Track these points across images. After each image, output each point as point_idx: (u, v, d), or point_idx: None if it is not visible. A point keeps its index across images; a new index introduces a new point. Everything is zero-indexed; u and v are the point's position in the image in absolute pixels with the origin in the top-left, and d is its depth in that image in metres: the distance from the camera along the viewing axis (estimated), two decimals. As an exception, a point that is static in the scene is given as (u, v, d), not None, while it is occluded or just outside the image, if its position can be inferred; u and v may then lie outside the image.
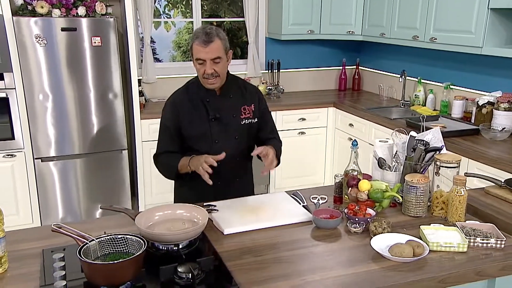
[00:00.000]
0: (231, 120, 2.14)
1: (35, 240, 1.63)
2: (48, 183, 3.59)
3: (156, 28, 5.42)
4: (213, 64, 2.00)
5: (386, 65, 4.59)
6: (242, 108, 2.17)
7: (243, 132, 2.16)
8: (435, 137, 1.98)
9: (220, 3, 5.30)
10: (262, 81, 4.55)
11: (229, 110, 2.14)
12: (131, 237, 1.41)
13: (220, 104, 2.13)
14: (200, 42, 1.97)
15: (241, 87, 2.23)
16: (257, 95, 2.26)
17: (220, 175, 2.04)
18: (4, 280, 1.42)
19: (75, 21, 3.41)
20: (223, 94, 2.15)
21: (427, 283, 1.47)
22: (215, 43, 1.97)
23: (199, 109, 2.12)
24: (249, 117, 2.18)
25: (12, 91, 3.41)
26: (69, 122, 3.54)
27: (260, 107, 2.24)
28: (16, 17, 3.31)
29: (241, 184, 2.23)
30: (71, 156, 3.61)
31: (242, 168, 2.21)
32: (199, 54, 1.98)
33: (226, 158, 2.04)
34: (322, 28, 4.41)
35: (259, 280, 1.43)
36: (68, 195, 3.66)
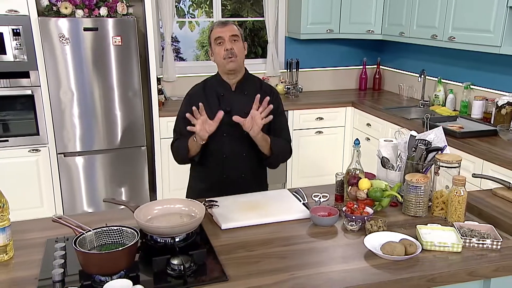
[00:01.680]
0: (242, 116, 2.17)
1: (42, 230, 1.72)
2: (70, 177, 3.73)
3: (181, 27, 5.53)
4: (231, 42, 2.10)
5: (406, 65, 4.54)
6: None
7: None
8: (438, 136, 1.97)
9: (243, 2, 5.36)
10: (281, 80, 4.58)
11: (241, 106, 2.18)
12: (126, 229, 1.47)
13: (234, 99, 2.19)
14: (218, 24, 2.14)
15: (257, 85, 2.27)
16: (273, 95, 2.29)
17: (226, 169, 2.09)
18: (9, 266, 1.51)
19: (97, 21, 3.53)
20: (238, 90, 2.21)
21: (416, 282, 1.48)
22: (232, 25, 2.15)
23: (213, 102, 2.19)
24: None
25: (37, 89, 3.56)
26: (90, 119, 3.67)
27: (274, 107, 2.26)
28: (42, 17, 3.45)
29: (249, 180, 2.24)
30: (92, 152, 3.74)
31: (250, 164, 2.24)
32: (218, 33, 2.11)
33: (234, 153, 2.09)
34: (342, 27, 4.40)
35: (248, 274, 1.47)
36: (90, 188, 3.80)
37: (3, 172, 3.59)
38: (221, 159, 2.10)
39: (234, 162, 2.14)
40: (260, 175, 2.34)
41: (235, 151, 2.11)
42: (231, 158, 2.12)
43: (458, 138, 3.10)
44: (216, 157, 2.17)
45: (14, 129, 3.61)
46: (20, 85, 3.53)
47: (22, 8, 3.43)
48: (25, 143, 3.63)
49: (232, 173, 2.16)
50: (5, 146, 3.60)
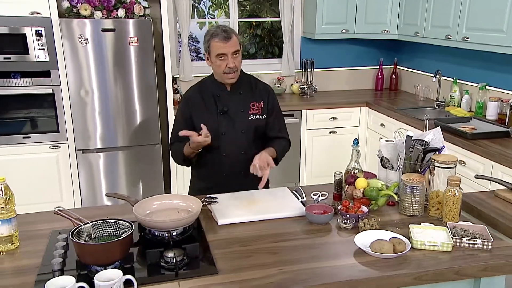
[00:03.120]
0: (239, 115, 2.24)
1: (48, 222, 1.81)
2: (88, 173, 3.86)
3: (201, 28, 5.62)
4: (233, 58, 2.13)
5: (423, 65, 4.51)
6: (251, 104, 2.27)
7: (250, 127, 2.26)
8: (436, 137, 1.98)
9: (262, 3, 5.40)
10: (296, 80, 4.61)
11: (237, 105, 2.25)
12: (122, 222, 1.55)
13: (230, 99, 2.25)
14: (220, 38, 2.09)
15: (252, 84, 2.33)
16: (268, 93, 2.35)
17: (226, 167, 2.15)
18: (15, 255, 1.61)
19: (115, 22, 3.64)
20: (234, 90, 2.26)
21: (402, 279, 1.50)
22: (233, 38, 2.12)
23: (209, 103, 2.24)
24: (257, 113, 2.27)
25: (58, 87, 3.70)
26: (108, 117, 3.78)
27: (269, 105, 2.32)
28: (62, 19, 3.58)
29: (249, 179, 2.29)
30: (109, 149, 3.86)
31: (249, 162, 2.29)
32: (221, 49, 2.10)
33: (232, 151, 2.15)
34: (357, 27, 4.40)
35: (238, 268, 1.52)
36: (107, 184, 3.92)
37: (26, 167, 3.74)
38: (220, 158, 2.17)
39: (233, 160, 2.20)
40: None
41: (234, 149, 2.17)
42: (230, 156, 2.18)
43: (469, 139, 3.08)
44: (215, 156, 2.23)
45: (36, 126, 3.76)
46: (42, 84, 3.68)
47: (44, 10, 3.57)
48: (46, 139, 3.77)
49: (231, 172, 2.22)
50: (28, 142, 3.76)
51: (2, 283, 1.45)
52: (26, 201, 3.58)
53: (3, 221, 1.59)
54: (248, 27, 5.50)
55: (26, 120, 3.74)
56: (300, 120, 4.14)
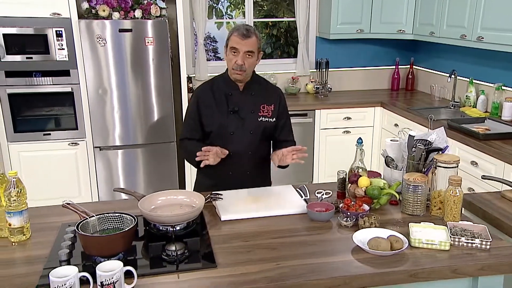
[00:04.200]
0: (248, 115, 2.28)
1: (59, 215, 1.89)
2: (105, 169, 3.96)
3: (219, 28, 5.69)
4: (245, 57, 2.17)
5: (439, 65, 4.47)
6: (261, 106, 2.31)
7: (259, 129, 2.29)
8: (439, 137, 1.98)
9: (279, 3, 5.44)
10: (310, 80, 4.63)
11: (248, 106, 2.29)
12: (126, 216, 1.61)
13: (241, 99, 2.29)
14: (239, 34, 2.15)
15: (263, 86, 2.37)
16: (279, 96, 2.39)
17: (232, 166, 2.20)
18: (26, 246, 1.69)
19: (132, 22, 3.73)
20: (246, 91, 2.30)
21: (398, 276, 1.53)
22: (252, 38, 2.16)
23: (220, 101, 2.28)
24: (267, 116, 2.31)
25: (77, 86, 3.81)
26: (124, 115, 3.87)
27: (280, 109, 2.36)
28: (82, 20, 3.69)
29: (254, 178, 2.33)
30: (125, 146, 3.95)
31: (255, 163, 2.33)
32: (236, 44, 2.16)
33: (239, 150, 2.19)
34: (373, 27, 4.39)
35: (237, 262, 1.57)
36: (123, 180, 4.02)
37: (46, 163, 3.87)
38: (227, 157, 2.21)
39: (240, 159, 2.24)
40: (264, 172, 2.43)
41: (241, 149, 2.21)
42: (237, 155, 2.23)
43: (481, 140, 3.05)
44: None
45: (55, 123, 3.88)
46: (62, 82, 3.79)
47: (65, 11, 3.68)
48: (65, 136, 3.89)
49: (237, 170, 2.26)
50: (48, 139, 3.88)
51: (13, 272, 1.53)
52: (45, 195, 3.72)
53: (15, 213, 1.67)
54: (264, 27, 5.54)
55: (47, 118, 3.86)
56: (314, 120, 4.16)
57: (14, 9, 3.57)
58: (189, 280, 1.47)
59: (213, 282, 1.45)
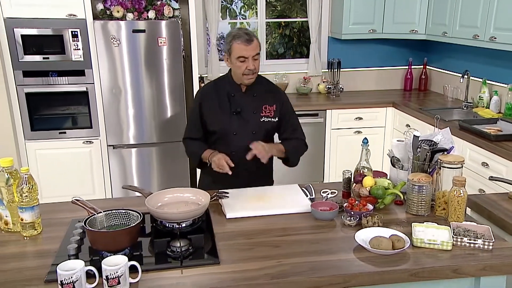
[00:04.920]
0: (251, 116, 2.32)
1: (70, 211, 1.94)
2: (119, 168, 4.04)
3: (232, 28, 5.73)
4: (253, 61, 2.22)
5: (452, 65, 4.44)
6: (263, 106, 2.34)
7: (261, 129, 2.33)
8: (445, 137, 1.99)
9: (293, 3, 5.45)
10: (322, 80, 4.64)
11: (251, 107, 2.33)
12: (132, 212, 1.66)
13: (244, 100, 2.33)
14: (243, 41, 2.19)
15: (265, 87, 2.40)
16: (281, 97, 2.42)
17: (236, 166, 2.23)
18: (37, 240, 1.75)
19: (145, 23, 3.79)
20: (248, 92, 2.34)
21: (398, 275, 1.54)
22: (255, 41, 2.23)
23: (223, 102, 2.33)
24: (269, 116, 2.34)
25: (91, 85, 3.89)
26: (137, 115, 3.94)
27: (282, 109, 2.39)
28: (96, 21, 3.76)
29: (257, 177, 2.35)
30: (138, 145, 4.02)
31: (258, 163, 2.33)
32: (242, 52, 2.19)
33: (241, 150, 2.23)
34: (385, 27, 4.38)
35: (239, 259, 1.60)
36: (136, 178, 4.09)
37: (61, 161, 3.96)
38: (229, 156, 2.25)
39: (242, 159, 2.25)
40: (266, 171, 2.46)
41: (243, 148, 2.24)
42: (239, 155, 2.26)
43: (492, 141, 3.03)
44: (225, 154, 2.28)
45: (71, 122, 3.97)
46: (77, 82, 3.87)
47: (80, 12, 3.76)
48: (80, 135, 3.97)
49: (239, 169, 2.27)
50: (63, 137, 3.97)
51: (24, 265, 1.58)
52: (61, 192, 3.81)
53: (26, 208, 1.73)
54: (277, 27, 5.56)
55: (62, 117, 3.95)
56: (325, 120, 4.17)
57: (32, 10, 3.66)
58: (192, 275, 1.50)
59: (215, 278, 1.49)
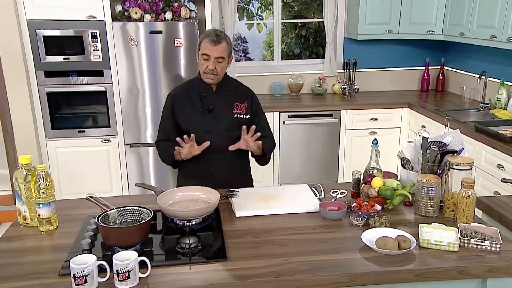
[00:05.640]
0: (223, 113, 2.38)
1: (86, 208, 2.00)
2: (135, 166, 4.11)
3: (249, 29, 5.77)
4: (216, 63, 2.26)
5: (470, 65, 4.40)
6: (235, 104, 2.41)
7: (234, 125, 2.37)
8: (455, 139, 1.99)
9: (310, 3, 5.47)
10: (338, 80, 4.64)
11: (222, 104, 2.39)
12: (143, 209, 1.71)
13: (215, 99, 2.39)
14: (210, 40, 2.24)
15: (235, 87, 2.48)
16: (251, 96, 2.49)
17: (213, 163, 2.30)
18: (53, 235, 1.82)
19: (162, 24, 3.85)
20: (218, 91, 2.40)
21: (403, 275, 1.55)
22: (222, 44, 2.25)
23: (196, 101, 2.39)
24: (241, 113, 2.41)
25: (110, 85, 3.97)
26: (154, 114, 4.00)
27: (253, 107, 2.46)
28: (115, 22, 3.84)
29: (235, 173, 2.40)
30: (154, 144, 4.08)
31: (234, 158, 2.39)
32: (206, 50, 2.25)
33: (218, 147, 2.29)
34: (401, 27, 4.36)
35: (247, 256, 1.63)
36: (153, 176, 4.16)
37: (81, 159, 4.05)
38: (207, 154, 2.28)
39: (219, 156, 2.31)
40: (244, 167, 2.51)
41: (220, 145, 2.29)
42: (216, 152, 2.31)
43: (508, 142, 3.00)
44: (202, 153, 2.29)
45: (90, 121, 4.06)
46: (96, 82, 3.96)
47: (99, 14, 3.84)
48: (98, 134, 4.06)
49: (217, 167, 2.32)
50: (82, 136, 4.06)
51: (40, 259, 1.65)
52: (79, 189, 3.91)
53: (43, 204, 1.79)
54: (293, 27, 5.58)
55: (82, 116, 4.04)
56: (339, 120, 4.18)
57: (53, 12, 3.76)
58: (200, 271, 1.54)
59: (222, 274, 1.53)
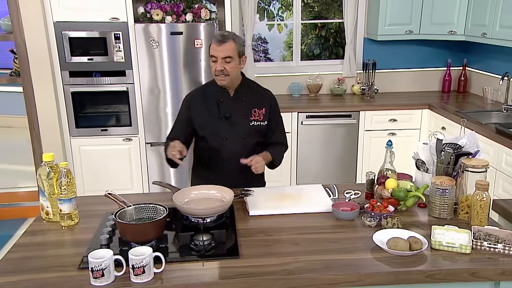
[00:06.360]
0: (240, 121, 2.34)
1: (105, 204, 2.05)
2: (155, 164, 4.19)
3: (270, 29, 5.81)
4: (224, 63, 2.22)
5: (493, 66, 4.33)
6: (253, 110, 2.36)
7: (251, 133, 2.36)
8: (470, 141, 1.98)
9: (330, 4, 5.47)
10: (357, 81, 4.63)
11: (239, 111, 2.35)
12: (159, 206, 1.76)
13: (232, 105, 2.35)
14: (215, 41, 2.22)
15: (254, 91, 2.43)
16: (270, 100, 2.44)
17: (226, 171, 2.26)
18: (74, 230, 1.89)
19: (183, 26, 3.92)
20: (236, 96, 2.36)
21: (414, 276, 1.57)
22: (228, 44, 2.21)
23: (212, 107, 2.35)
24: (259, 120, 2.37)
25: (132, 85, 4.06)
26: (174, 113, 4.04)
27: (271, 113, 2.42)
28: (137, 24, 3.92)
29: (248, 181, 2.34)
30: (175, 143, 4.16)
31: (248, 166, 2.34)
32: (213, 51, 2.23)
33: (233, 155, 2.27)
34: (422, 28, 4.32)
35: (258, 254, 1.67)
36: (172, 175, 4.23)
37: (103, 157, 4.15)
38: (221, 162, 2.28)
39: (234, 164, 2.27)
40: (258, 175, 2.38)
41: (235, 153, 2.27)
42: (231, 160, 2.29)
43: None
44: (217, 160, 2.31)
45: (112, 120, 4.16)
46: (118, 82, 4.05)
47: (122, 15, 3.93)
48: (120, 132, 4.15)
49: (231, 175, 2.29)
50: (105, 134, 4.16)
51: (61, 252, 1.72)
52: (101, 186, 4.00)
53: (65, 200, 1.86)
54: (313, 28, 5.59)
55: (104, 115, 4.14)
56: (358, 121, 4.17)
57: (78, 14, 3.85)
58: (212, 268, 1.59)
59: (234, 271, 1.56)
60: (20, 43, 3.81)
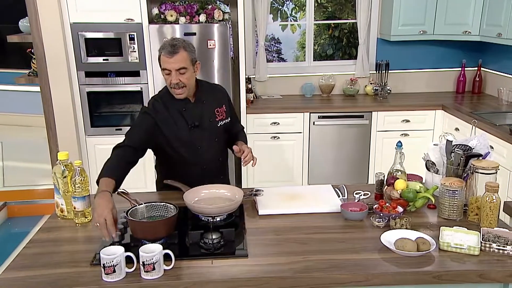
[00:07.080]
0: (209, 125, 2.27)
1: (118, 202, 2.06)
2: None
3: (283, 30, 5.83)
4: (178, 75, 2.09)
5: (508, 67, 4.29)
6: (215, 111, 2.31)
7: (220, 133, 2.34)
8: (481, 143, 1.98)
9: (344, 4, 5.47)
10: (370, 82, 4.62)
11: (205, 116, 2.27)
12: (169, 205, 1.79)
13: (196, 111, 2.25)
14: (166, 53, 2.07)
15: (209, 90, 2.35)
16: (224, 95, 2.41)
17: (206, 178, 2.20)
18: (87, 227, 1.93)
19: (196, 26, 3.96)
20: (197, 101, 2.26)
21: (421, 277, 1.57)
22: (180, 54, 2.07)
23: (177, 117, 2.21)
24: (223, 118, 2.34)
25: (145, 85, 4.12)
26: (188, 114, 4.12)
27: (230, 106, 2.41)
28: (151, 24, 3.97)
29: (225, 180, 2.40)
30: (188, 143, 4.20)
31: (224, 166, 2.40)
32: (165, 64, 2.09)
33: (210, 161, 2.28)
34: (436, 28, 4.30)
35: (267, 253, 1.69)
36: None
37: (117, 156, 4.21)
38: (201, 171, 2.26)
39: (212, 169, 2.30)
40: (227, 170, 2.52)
41: (211, 158, 2.29)
42: (209, 166, 2.29)
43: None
44: (196, 170, 2.27)
45: (126, 119, 4.22)
46: (132, 82, 4.11)
47: (137, 16, 3.98)
48: (134, 132, 4.20)
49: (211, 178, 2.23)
50: (119, 134, 4.16)
51: (75, 248, 1.76)
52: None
53: (79, 198, 1.91)
54: (326, 28, 5.59)
55: (119, 114, 4.21)
56: (370, 122, 4.16)
57: (94, 15, 3.92)
58: (221, 266, 1.61)
59: (242, 269, 1.59)
60: (38, 44, 3.89)
